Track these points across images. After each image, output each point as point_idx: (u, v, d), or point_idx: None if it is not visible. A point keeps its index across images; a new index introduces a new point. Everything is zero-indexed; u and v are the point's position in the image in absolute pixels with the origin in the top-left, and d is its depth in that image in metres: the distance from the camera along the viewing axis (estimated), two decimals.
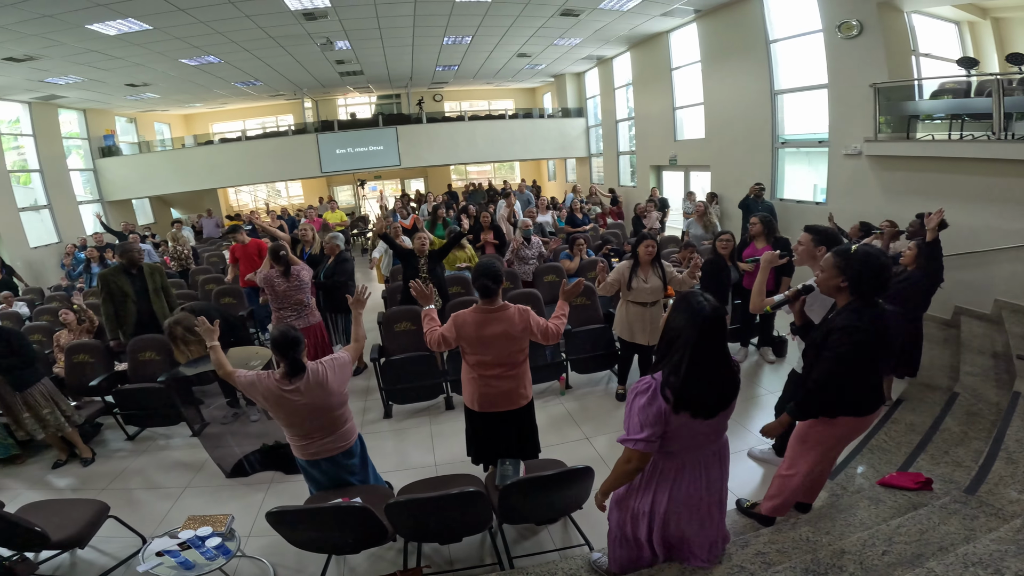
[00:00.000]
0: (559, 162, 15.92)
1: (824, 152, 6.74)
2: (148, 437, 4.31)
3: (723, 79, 8.26)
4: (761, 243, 4.46)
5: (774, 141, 7.55)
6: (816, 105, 6.80)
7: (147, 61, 8.22)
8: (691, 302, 1.71)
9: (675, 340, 1.71)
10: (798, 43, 7.04)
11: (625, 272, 3.92)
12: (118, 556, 2.85)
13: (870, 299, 2.06)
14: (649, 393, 1.71)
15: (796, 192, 7.59)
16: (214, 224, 11.75)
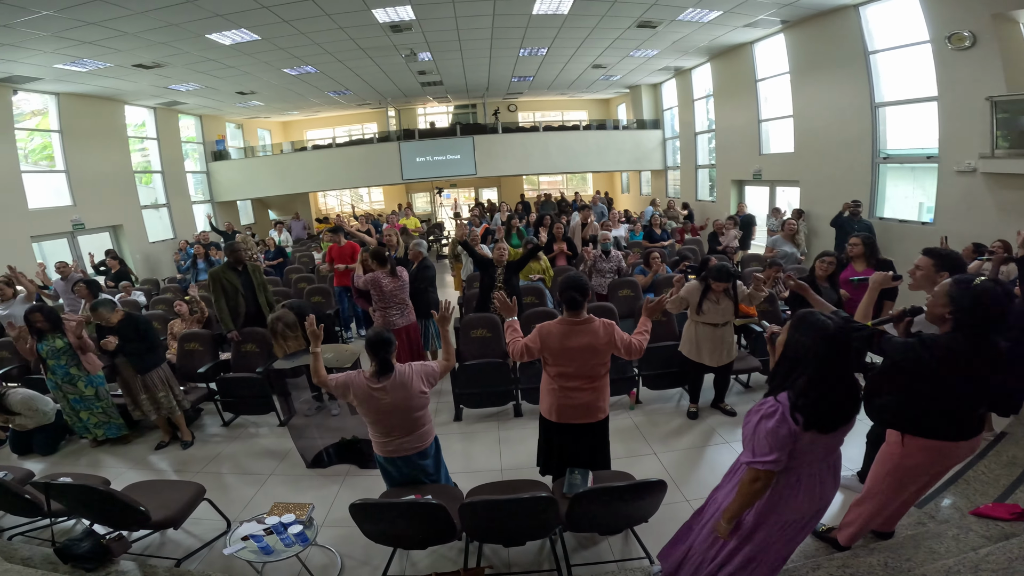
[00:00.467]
0: (633, 174, 15.64)
1: (933, 168, 6.20)
2: (241, 424, 4.63)
3: (816, 91, 7.82)
4: (861, 265, 4.17)
5: (874, 156, 7.02)
6: (923, 119, 6.28)
7: (255, 70, 9.03)
8: (813, 320, 1.67)
9: (799, 361, 1.68)
10: (901, 54, 6.56)
11: (695, 295, 3.86)
12: (203, 537, 3.02)
13: (973, 336, 1.92)
14: (777, 416, 1.69)
15: (898, 211, 7.01)
16: (301, 226, 12.61)
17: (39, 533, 3.15)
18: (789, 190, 8.94)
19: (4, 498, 2.89)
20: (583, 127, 13.86)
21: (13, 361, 5.04)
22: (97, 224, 9.78)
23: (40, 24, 5.62)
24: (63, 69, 7.51)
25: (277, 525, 2.50)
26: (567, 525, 2.45)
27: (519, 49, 9.26)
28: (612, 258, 5.73)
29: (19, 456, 4.23)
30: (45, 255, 8.63)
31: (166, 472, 3.92)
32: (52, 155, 9.21)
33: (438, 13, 7.06)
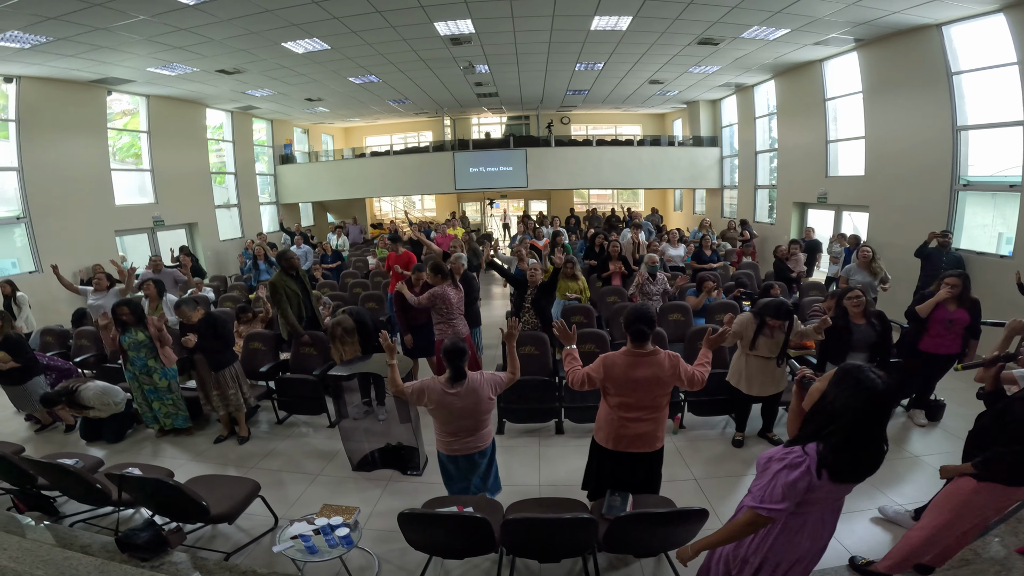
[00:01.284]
0: (687, 192, 15.31)
1: (1015, 197, 5.78)
2: (293, 423, 4.82)
3: (892, 112, 7.42)
4: (953, 305, 3.90)
5: (953, 182, 6.58)
6: (1008, 144, 5.88)
7: (323, 78, 9.52)
8: (861, 378, 1.59)
9: (838, 417, 1.60)
10: (986, 75, 6.16)
11: (749, 329, 3.75)
12: (251, 532, 3.12)
13: None
14: (802, 469, 1.63)
15: (976, 242, 6.54)
16: (358, 231, 13.08)
17: (98, 521, 3.32)
18: (857, 215, 8.50)
19: (75, 486, 3.03)
20: (637, 142, 13.68)
21: (92, 350, 5.44)
22: (175, 221, 10.53)
23: (136, 28, 6.12)
24: (154, 72, 8.16)
25: (325, 527, 2.57)
26: (604, 545, 2.48)
27: (575, 63, 9.31)
28: (658, 281, 5.63)
29: (87, 442, 4.47)
30: (125, 249, 9.37)
31: (222, 466, 4.07)
32: (138, 153, 10.02)
33: (498, 27, 7.23)
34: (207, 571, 2.47)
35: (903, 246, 6.61)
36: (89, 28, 5.92)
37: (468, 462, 2.91)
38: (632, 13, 6.62)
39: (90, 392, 4.12)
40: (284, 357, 5.03)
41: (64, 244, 8.05)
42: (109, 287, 5.93)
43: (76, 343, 5.62)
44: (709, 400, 4.31)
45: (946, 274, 3.97)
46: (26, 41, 6.12)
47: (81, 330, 5.70)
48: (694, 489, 3.59)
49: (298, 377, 4.68)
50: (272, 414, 4.91)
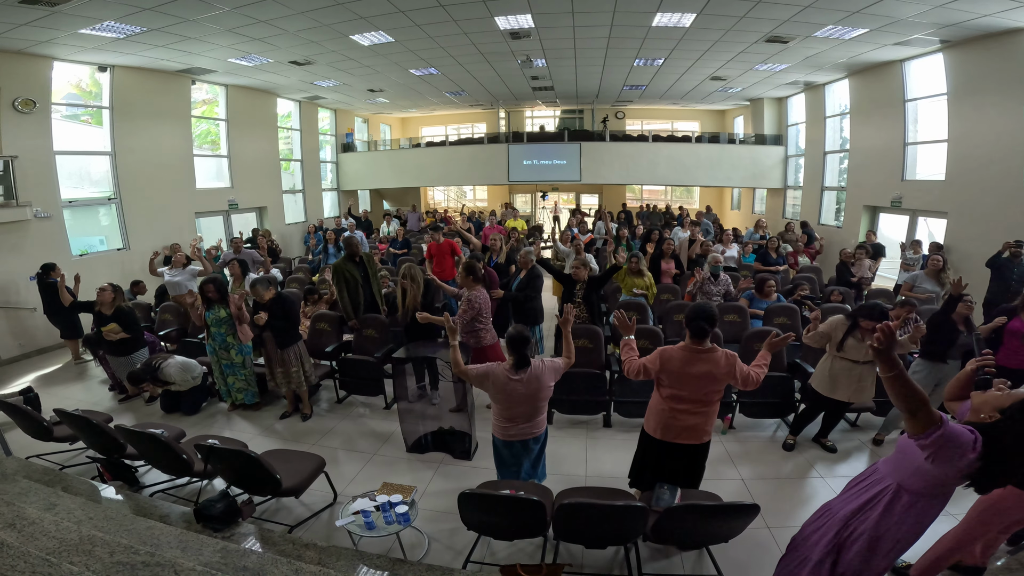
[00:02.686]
0: (746, 191, 14.77)
1: None
2: (351, 403, 5.03)
3: (978, 116, 6.94)
4: None
5: None
6: None
7: (385, 70, 9.78)
8: None
9: (1007, 449, 1.69)
10: None
11: (840, 330, 3.68)
12: (312, 507, 3.23)
13: None
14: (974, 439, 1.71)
15: None
16: (417, 218, 13.42)
17: (176, 492, 3.48)
18: (934, 221, 8.01)
19: (163, 455, 3.13)
20: (695, 139, 13.30)
21: (174, 324, 5.79)
22: (247, 205, 11.16)
23: (219, 20, 6.50)
24: (234, 63, 8.62)
25: (385, 503, 2.70)
26: (651, 536, 2.54)
27: (634, 59, 9.14)
28: (721, 281, 5.53)
29: (166, 413, 4.72)
30: (202, 230, 10.03)
31: (287, 441, 4.23)
32: (215, 140, 10.67)
33: (557, 23, 7.22)
34: (272, 543, 2.55)
35: (980, 255, 6.22)
36: (179, 19, 6.31)
37: (523, 447, 3.00)
38: (697, 10, 6.45)
39: (172, 368, 4.32)
40: (348, 338, 5.26)
41: (149, 223, 8.69)
42: (185, 265, 6.37)
43: (160, 317, 5.95)
44: (761, 402, 4.27)
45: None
46: (121, 31, 6.51)
47: (165, 305, 6.04)
48: (740, 488, 3.60)
49: (359, 358, 4.88)
50: (333, 393, 5.13)
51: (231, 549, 2.20)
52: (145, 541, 2.10)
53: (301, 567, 2.12)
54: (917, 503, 1.87)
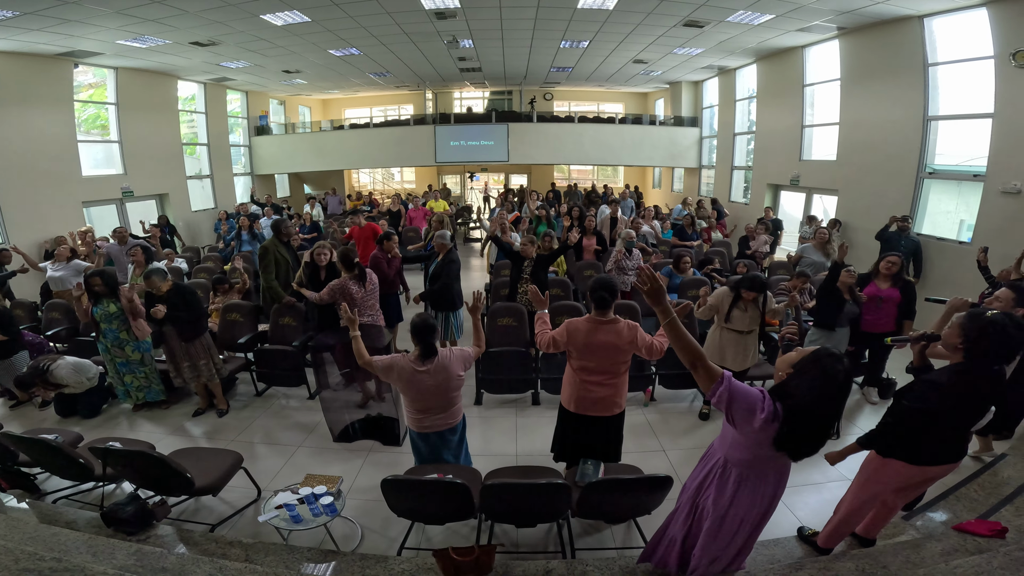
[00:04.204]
0: (666, 170, 15.48)
1: (978, 187, 6.02)
2: (272, 395, 4.82)
3: (867, 100, 7.60)
4: (885, 283, 4.13)
5: (920, 170, 6.83)
6: (975, 135, 6.09)
7: (302, 50, 9.25)
8: (826, 366, 1.71)
9: (799, 396, 1.73)
10: (961, 68, 6.35)
11: (725, 302, 3.89)
12: (234, 504, 3.13)
13: (983, 365, 2.03)
14: (766, 401, 1.75)
15: (938, 228, 6.84)
16: (338, 201, 12.92)
17: (82, 497, 3.28)
18: (827, 198, 8.76)
19: (59, 461, 2.95)
20: (619, 120, 13.74)
21: (63, 323, 5.30)
22: (145, 192, 10.23)
23: (107, 1, 5.87)
24: (125, 45, 7.82)
25: (309, 495, 2.62)
26: (577, 511, 2.59)
27: (561, 41, 9.22)
28: (635, 256, 5.76)
29: (62, 418, 4.37)
30: (93, 220, 9.08)
31: (201, 439, 4.05)
32: (105, 124, 9.66)
33: (484, 2, 7.12)
34: (193, 543, 2.47)
35: (868, 229, 6.88)
36: (58, 2, 5.65)
37: (439, 439, 2.92)
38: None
39: (63, 370, 3.99)
40: (263, 328, 5.01)
41: (30, 216, 7.84)
42: (69, 259, 5.79)
43: (47, 316, 5.47)
44: (679, 373, 4.46)
45: (886, 255, 4.22)
46: None
47: (52, 303, 5.54)
48: (662, 460, 3.74)
49: (277, 348, 4.67)
50: (251, 386, 4.90)
51: (147, 551, 2.14)
52: (52, 548, 2.03)
53: (225, 565, 2.08)
54: (747, 478, 1.90)
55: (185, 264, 7.32)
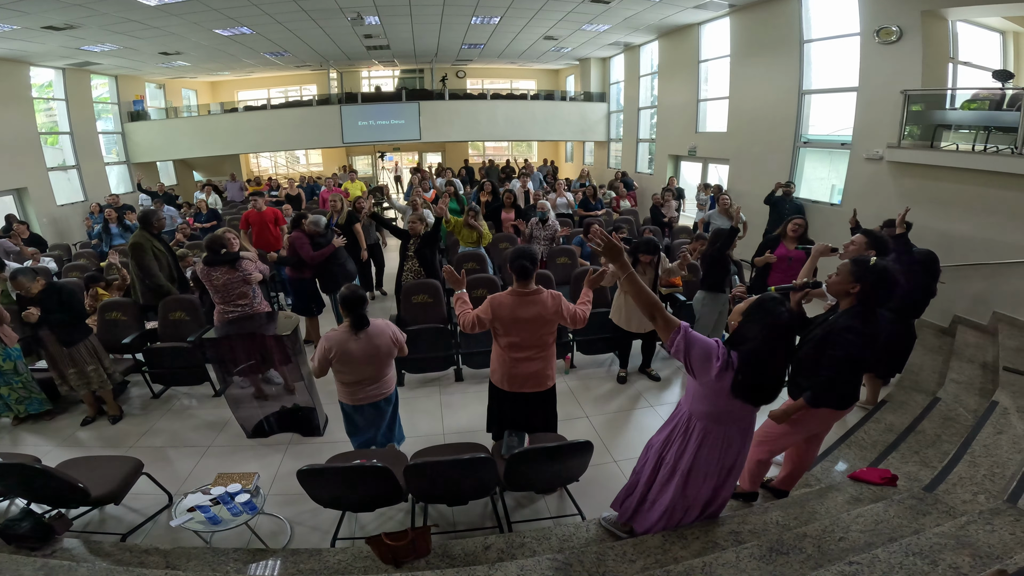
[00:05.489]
0: (577, 144, 15.93)
1: (845, 154, 6.73)
2: (172, 396, 4.46)
3: (751, 75, 8.18)
4: (792, 244, 4.53)
5: (796, 140, 7.52)
6: (843, 107, 6.76)
7: (183, 31, 8.36)
8: (770, 309, 1.84)
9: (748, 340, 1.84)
10: (831, 44, 6.96)
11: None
12: (145, 512, 2.98)
13: (872, 308, 2.23)
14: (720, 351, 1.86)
15: (813, 192, 7.59)
16: (238, 188, 12.01)
17: None
18: (721, 167, 9.41)
19: None
20: (531, 97, 13.91)
21: None
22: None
23: None
24: None
25: (223, 495, 2.51)
26: (506, 484, 2.60)
27: (471, 17, 9.05)
28: (549, 226, 5.87)
29: None
30: None
31: (97, 448, 3.76)
32: None
33: None
34: (104, 553, 2.37)
35: (756, 195, 7.48)
36: None
37: (374, 410, 2.92)
38: None
39: None
40: (151, 326, 4.59)
41: None
42: None
43: None
44: (595, 339, 4.64)
45: (792, 218, 4.59)
46: None
47: None
48: (586, 426, 3.84)
49: (170, 346, 4.28)
50: (145, 389, 4.51)
51: (55, 566, 2.08)
52: None
53: (144, 573, 2.00)
54: (710, 432, 1.98)
55: (54, 263, 6.47)
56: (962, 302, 5.13)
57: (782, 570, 1.95)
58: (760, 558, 2.01)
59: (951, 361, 4.35)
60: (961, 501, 2.40)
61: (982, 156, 5.01)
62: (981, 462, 2.69)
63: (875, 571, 1.80)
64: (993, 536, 1.98)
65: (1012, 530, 2.01)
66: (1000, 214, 4.89)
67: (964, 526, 2.06)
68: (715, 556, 2.03)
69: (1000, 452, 2.77)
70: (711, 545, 2.18)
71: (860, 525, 2.22)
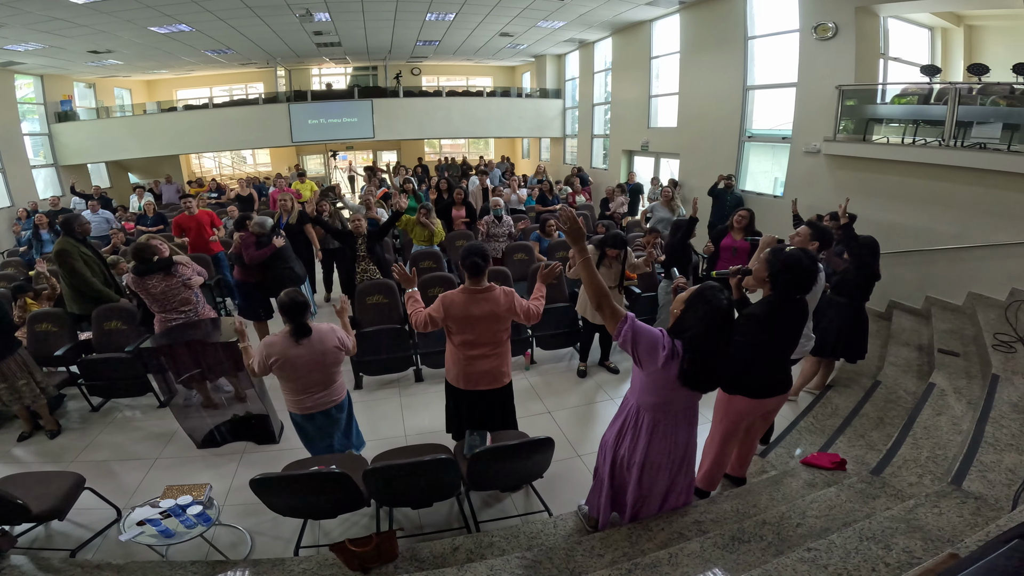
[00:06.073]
0: (533, 141, 15.99)
1: (786, 148, 7.00)
2: (114, 408, 4.25)
3: (699, 71, 8.40)
4: (739, 235, 4.68)
5: (741, 134, 7.79)
6: (784, 102, 7.02)
7: (114, 29, 7.88)
8: (709, 297, 1.87)
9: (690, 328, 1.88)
10: (774, 41, 7.21)
11: (592, 259, 4.07)
12: (94, 527, 2.87)
13: (787, 295, 2.30)
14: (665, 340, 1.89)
15: (757, 185, 7.89)
16: (174, 190, 11.44)
17: None
18: (672, 162, 9.65)
19: None
20: (487, 94, 13.85)
21: None
22: None
23: None
24: None
25: (174, 507, 2.44)
26: (469, 484, 2.59)
27: (426, 14, 8.91)
28: (504, 223, 5.87)
29: None
30: None
31: (36, 464, 3.59)
32: None
33: None
34: (54, 570, 2.30)
35: (705, 188, 7.72)
36: None
37: (325, 418, 2.82)
38: None
39: None
40: (85, 337, 4.32)
41: None
42: None
43: None
44: (554, 334, 4.66)
45: (738, 209, 4.75)
46: None
47: None
48: (548, 422, 3.84)
49: (107, 357, 4.04)
50: (84, 402, 4.27)
51: None
52: None
53: None
54: (659, 423, 2.01)
55: None
56: (897, 288, 5.43)
57: (745, 558, 1.98)
58: (723, 547, 2.04)
59: (889, 345, 4.55)
60: (908, 484, 2.49)
61: (911, 148, 5.31)
62: (923, 444, 2.80)
63: (833, 556, 1.85)
64: (942, 519, 2.04)
65: (959, 512, 2.07)
66: (930, 203, 5.20)
67: (913, 509, 2.11)
68: (680, 547, 2.05)
69: (940, 433, 2.88)
70: (676, 536, 2.21)
71: (815, 511, 2.29)
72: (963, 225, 4.95)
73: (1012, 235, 4.55)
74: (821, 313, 3.50)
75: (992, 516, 2.00)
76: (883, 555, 1.84)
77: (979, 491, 2.21)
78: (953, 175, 4.95)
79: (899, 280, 5.39)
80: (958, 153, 4.86)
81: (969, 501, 2.13)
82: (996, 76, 4.97)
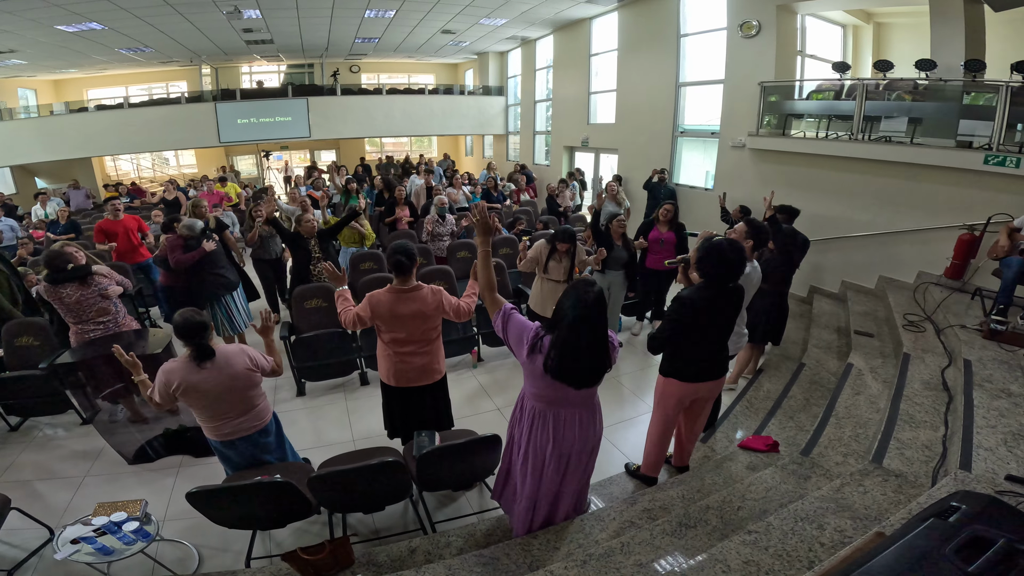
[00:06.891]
0: (477, 138, 15.95)
1: (715, 143, 7.33)
2: (33, 427, 3.98)
3: (635, 68, 8.65)
4: (665, 228, 4.87)
5: (674, 130, 8.11)
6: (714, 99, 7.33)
7: (16, 28, 7.25)
8: (579, 289, 1.91)
9: (562, 318, 1.92)
10: (704, 39, 7.50)
11: (544, 253, 4.13)
12: (27, 547, 2.74)
13: (716, 283, 2.41)
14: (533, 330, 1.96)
15: (690, 178, 8.25)
16: (83, 195, 10.59)
17: None
18: (611, 157, 9.90)
19: None
20: (429, 91, 13.67)
21: None
22: None
23: None
24: None
25: (108, 524, 2.36)
26: (420, 485, 2.57)
27: (365, 11, 8.67)
28: (448, 222, 5.86)
29: None
30: None
31: None
32: None
33: None
34: None
35: (641, 182, 8.00)
36: None
37: (249, 444, 2.57)
38: None
39: None
40: None
41: None
42: None
43: None
44: None
45: (664, 203, 4.94)
46: None
47: None
48: (497, 418, 3.85)
49: (19, 375, 3.74)
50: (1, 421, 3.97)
51: None
52: None
53: None
54: (540, 414, 2.03)
55: None
56: (816, 274, 5.83)
57: (692, 543, 2.06)
58: (672, 533, 2.12)
59: (811, 328, 4.83)
60: (834, 463, 2.62)
61: (825, 142, 5.71)
62: (845, 423, 2.97)
63: (772, 538, 1.91)
64: (867, 497, 2.13)
65: (883, 491, 2.17)
66: (844, 194, 5.59)
67: (840, 488, 2.20)
68: (631, 535, 2.11)
69: (860, 412, 3.06)
70: (627, 525, 2.29)
71: (754, 494, 2.41)
72: (874, 213, 5.34)
73: (918, 222, 4.94)
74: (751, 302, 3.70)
75: (913, 493, 2.13)
76: (818, 535, 1.93)
77: (899, 468, 2.34)
78: (863, 167, 5.33)
79: (818, 267, 5.78)
80: (866, 146, 5.24)
81: (891, 479, 2.26)
82: (900, 72, 5.33)
